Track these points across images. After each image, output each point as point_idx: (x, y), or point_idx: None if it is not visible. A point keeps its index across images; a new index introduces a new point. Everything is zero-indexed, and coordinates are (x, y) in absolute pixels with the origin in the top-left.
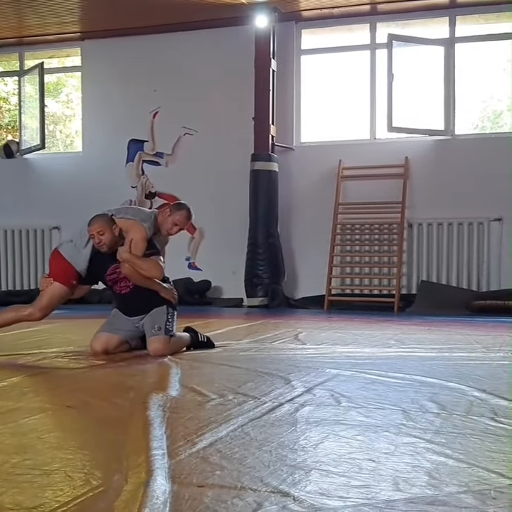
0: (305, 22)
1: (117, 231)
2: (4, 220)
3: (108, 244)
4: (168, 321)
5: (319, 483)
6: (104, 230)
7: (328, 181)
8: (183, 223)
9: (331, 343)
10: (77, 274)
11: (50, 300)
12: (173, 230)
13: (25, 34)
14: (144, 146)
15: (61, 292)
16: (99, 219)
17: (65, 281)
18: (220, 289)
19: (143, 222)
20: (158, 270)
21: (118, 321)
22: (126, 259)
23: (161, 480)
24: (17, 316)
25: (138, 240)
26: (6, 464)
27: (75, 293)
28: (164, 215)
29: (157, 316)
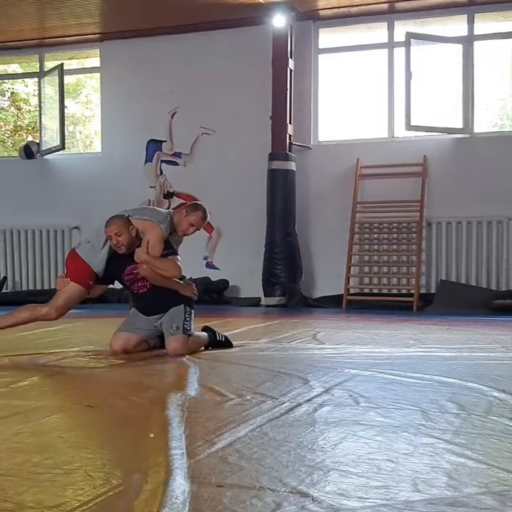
0: (323, 21)
1: (134, 232)
2: (25, 220)
3: (126, 245)
4: (186, 320)
5: (338, 484)
6: (122, 231)
7: (346, 180)
8: (199, 224)
9: (349, 343)
10: (94, 274)
11: (67, 300)
12: (190, 230)
13: (46, 36)
14: (163, 146)
15: (78, 292)
16: (116, 220)
17: (81, 281)
18: (237, 288)
19: (160, 223)
20: (176, 269)
21: (137, 320)
22: (144, 261)
23: (181, 480)
24: (33, 316)
25: (155, 241)
26: (27, 463)
27: (92, 292)
28: (180, 216)
29: (175, 315)
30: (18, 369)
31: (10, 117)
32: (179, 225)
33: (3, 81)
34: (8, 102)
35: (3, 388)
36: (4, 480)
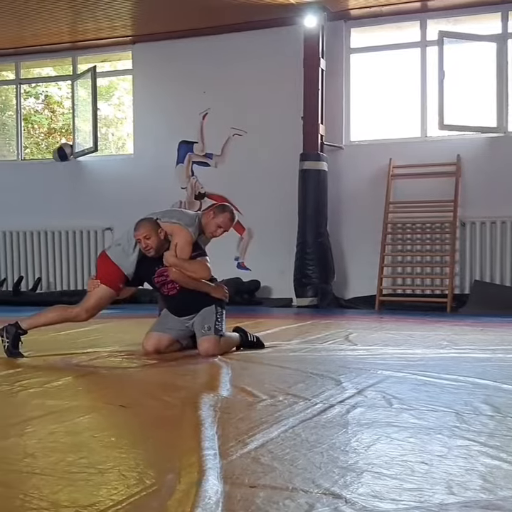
0: (354, 20)
1: (163, 235)
2: (58, 222)
3: (155, 248)
4: (218, 320)
5: (371, 486)
6: (150, 234)
7: (379, 180)
8: (227, 225)
9: (382, 344)
10: (124, 277)
11: (97, 302)
12: (218, 232)
13: (79, 39)
14: (194, 148)
15: (107, 294)
16: (145, 223)
17: (111, 283)
18: (269, 288)
19: (188, 227)
20: (205, 271)
21: (168, 321)
22: (173, 264)
23: (213, 480)
24: (63, 316)
25: (183, 243)
26: (61, 462)
27: (121, 294)
28: (208, 218)
29: (206, 316)
30: (52, 369)
31: (44, 120)
32: (207, 226)
33: (37, 84)
34: (42, 104)
35: (37, 388)
36: (39, 479)
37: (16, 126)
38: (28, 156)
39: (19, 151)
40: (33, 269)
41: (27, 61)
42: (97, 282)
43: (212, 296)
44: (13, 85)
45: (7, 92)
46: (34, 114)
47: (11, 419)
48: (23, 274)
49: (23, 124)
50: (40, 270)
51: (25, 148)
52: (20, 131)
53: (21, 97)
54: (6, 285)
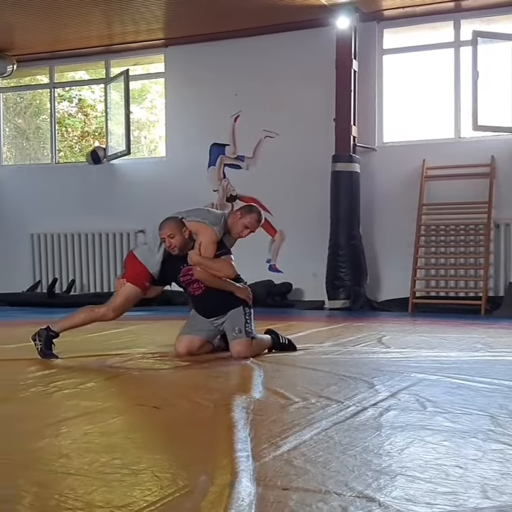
0: (387, 21)
1: (187, 234)
2: (92, 224)
3: (179, 247)
4: (247, 322)
5: (405, 489)
6: (175, 233)
7: (412, 182)
8: (254, 226)
9: (415, 347)
10: (151, 276)
11: (124, 301)
12: (244, 232)
13: (111, 43)
14: (226, 150)
15: (134, 293)
16: (170, 222)
17: (138, 282)
18: (301, 291)
19: (213, 226)
20: (230, 269)
21: (198, 322)
22: (197, 262)
23: (246, 482)
24: (91, 317)
25: (208, 242)
26: (96, 462)
27: (148, 293)
28: (235, 218)
29: (235, 318)
30: (86, 370)
31: (77, 123)
32: (234, 227)
33: (70, 88)
34: (76, 108)
35: (72, 389)
36: (74, 479)
37: (50, 129)
38: (62, 159)
39: (53, 155)
40: (67, 271)
41: (61, 65)
42: (124, 281)
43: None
44: (48, 89)
45: (41, 96)
46: (68, 118)
47: (46, 419)
48: (57, 276)
49: (57, 128)
50: (74, 272)
51: (59, 151)
52: (55, 135)
53: (55, 100)
54: (40, 287)
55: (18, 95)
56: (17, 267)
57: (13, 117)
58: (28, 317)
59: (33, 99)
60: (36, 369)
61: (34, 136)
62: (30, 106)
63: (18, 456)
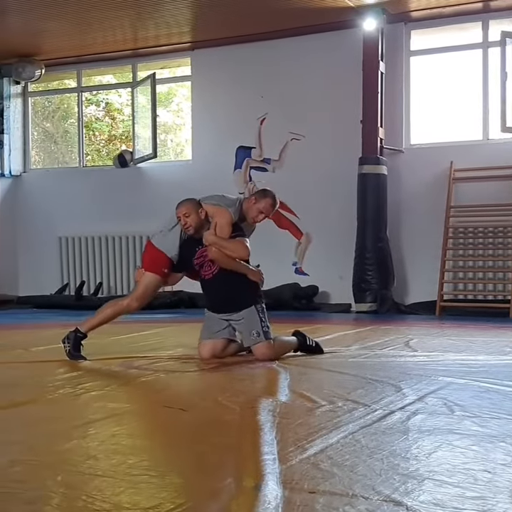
0: (414, 23)
1: (203, 214)
2: (119, 227)
3: (194, 226)
4: (262, 321)
5: (433, 493)
6: (190, 212)
7: (439, 184)
8: (269, 210)
9: (443, 350)
10: (169, 261)
11: (145, 289)
12: (259, 217)
13: (138, 46)
14: (252, 153)
15: (154, 281)
16: (186, 202)
17: (156, 270)
18: (327, 294)
19: (228, 207)
20: (244, 250)
21: (213, 324)
22: (212, 242)
23: (273, 485)
24: (116, 310)
25: (223, 223)
26: (123, 464)
27: (169, 281)
28: (250, 203)
29: (250, 320)
30: (113, 372)
31: (105, 127)
32: (249, 212)
33: (98, 92)
34: (103, 112)
35: (99, 391)
36: (102, 481)
37: (77, 133)
38: (90, 162)
39: (81, 158)
40: (95, 274)
41: (88, 69)
42: (142, 271)
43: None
44: (75, 93)
45: (69, 100)
46: (95, 122)
47: (74, 421)
48: (85, 279)
49: (84, 132)
50: (101, 275)
51: (86, 155)
52: (82, 139)
53: (83, 104)
54: (68, 290)
55: (47, 99)
56: (45, 270)
57: (42, 121)
58: (56, 319)
59: (61, 103)
60: (64, 371)
61: (62, 140)
62: (58, 110)
63: (46, 458)
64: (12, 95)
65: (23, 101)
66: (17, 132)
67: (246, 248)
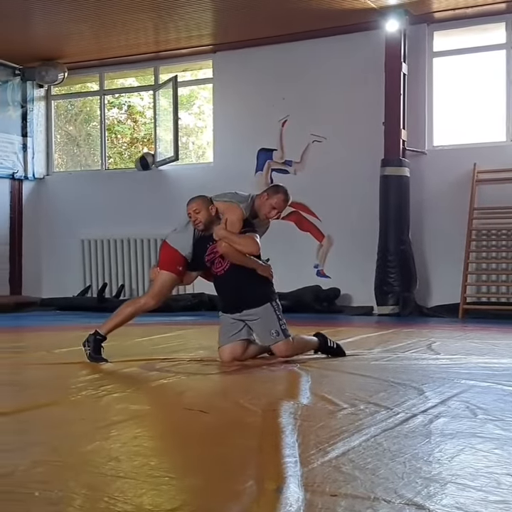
0: (437, 23)
1: (214, 211)
2: (141, 230)
3: (204, 222)
4: (279, 319)
5: (455, 497)
6: (200, 208)
7: (462, 185)
8: (281, 206)
9: (466, 353)
10: (183, 259)
11: (161, 288)
12: (272, 213)
13: (161, 49)
14: (273, 155)
15: (169, 279)
16: (197, 198)
17: (171, 268)
18: (349, 296)
19: (239, 203)
20: (254, 245)
21: (229, 328)
22: (222, 236)
23: (294, 487)
24: (134, 309)
25: (234, 219)
26: (145, 466)
27: (184, 280)
28: (262, 199)
29: (267, 319)
30: (135, 374)
31: (127, 130)
32: (261, 208)
33: (120, 95)
34: (125, 114)
35: (121, 393)
36: (124, 482)
37: (100, 136)
38: (112, 165)
39: (103, 161)
40: (117, 276)
41: (111, 72)
42: (157, 270)
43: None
44: (98, 96)
45: (92, 103)
46: (117, 124)
47: (97, 423)
48: (107, 281)
49: (106, 134)
50: (123, 277)
51: (108, 157)
52: (104, 141)
53: (105, 107)
54: (90, 292)
55: (69, 102)
56: (68, 272)
57: (64, 124)
58: (79, 321)
59: (83, 106)
60: (87, 373)
61: (84, 143)
62: (80, 113)
63: (68, 459)
64: (35, 98)
65: (46, 104)
66: (40, 135)
67: (256, 243)
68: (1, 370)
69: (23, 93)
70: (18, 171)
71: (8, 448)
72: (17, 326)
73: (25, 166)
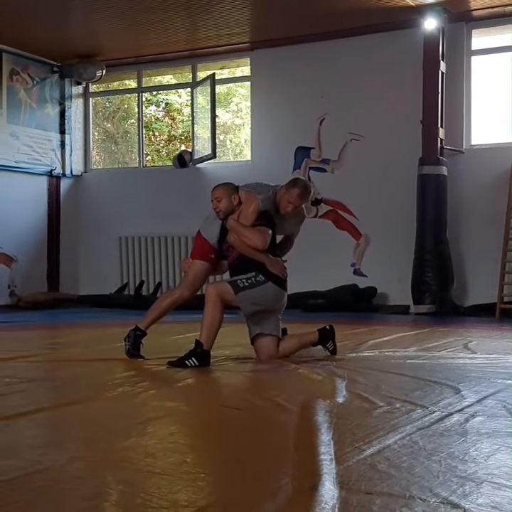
0: (475, 22)
1: (236, 200)
2: (178, 227)
3: (224, 211)
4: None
5: (491, 496)
6: (222, 196)
7: (500, 184)
8: (296, 201)
9: (503, 353)
10: (214, 248)
11: (194, 277)
12: (288, 207)
13: (198, 47)
14: (311, 153)
15: (202, 268)
16: (221, 186)
17: (202, 256)
18: (385, 295)
19: (258, 194)
20: (260, 240)
21: (262, 323)
22: (231, 227)
23: (329, 485)
24: (171, 301)
25: (248, 211)
26: (181, 462)
27: (218, 269)
28: (281, 193)
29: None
30: (171, 371)
31: (164, 127)
32: (280, 202)
33: (158, 92)
34: (163, 112)
35: (157, 390)
36: (160, 479)
37: (137, 133)
38: (149, 163)
39: (141, 159)
40: (154, 273)
41: (148, 69)
42: (189, 260)
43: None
44: (135, 94)
45: (129, 100)
46: (155, 122)
47: (133, 419)
48: (144, 279)
49: (144, 132)
50: (160, 275)
51: (146, 155)
52: (142, 139)
53: (143, 105)
54: (127, 289)
55: (107, 100)
56: (105, 269)
57: (102, 122)
58: (116, 318)
59: (121, 103)
60: (123, 369)
61: (122, 141)
62: (118, 110)
63: (105, 455)
64: (73, 96)
65: (84, 101)
66: (78, 133)
67: (262, 239)
68: (39, 367)
69: (61, 90)
70: (56, 168)
71: (45, 444)
72: (55, 322)
73: (63, 163)
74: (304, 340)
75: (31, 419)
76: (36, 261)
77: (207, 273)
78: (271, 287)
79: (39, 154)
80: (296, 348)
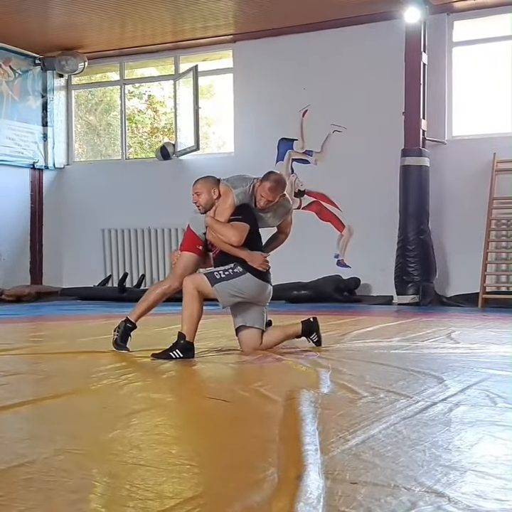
0: (457, 13)
1: (216, 194)
2: (161, 220)
3: (204, 205)
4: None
5: (475, 485)
6: (202, 191)
7: (482, 175)
8: (268, 195)
9: (485, 343)
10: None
11: (183, 268)
12: (261, 201)
13: (180, 39)
14: (294, 145)
15: (190, 259)
16: (201, 180)
17: (191, 248)
18: (369, 286)
19: (233, 189)
20: (234, 235)
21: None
22: (207, 224)
23: (315, 475)
24: (160, 292)
25: (224, 206)
26: (166, 454)
27: (207, 262)
28: (256, 186)
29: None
30: (156, 363)
31: (147, 119)
32: (256, 195)
33: (140, 84)
34: (146, 104)
35: (142, 382)
36: (145, 470)
37: (120, 126)
38: (132, 155)
39: (123, 151)
40: (137, 266)
41: (131, 62)
42: (178, 253)
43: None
44: (118, 86)
45: (112, 92)
46: (138, 114)
47: (118, 411)
48: (128, 271)
49: (127, 124)
50: (144, 267)
51: (129, 147)
52: (125, 131)
53: (125, 97)
54: (111, 282)
55: (90, 92)
56: (88, 262)
57: (85, 114)
58: (99, 311)
59: (103, 96)
60: (107, 362)
61: (105, 133)
62: (101, 103)
63: (90, 447)
64: (55, 88)
65: (67, 94)
66: (60, 125)
67: (236, 234)
68: (23, 360)
69: (43, 83)
70: (38, 161)
71: (30, 436)
72: (38, 315)
73: (45, 155)
74: (288, 332)
75: (15, 412)
76: (19, 254)
77: (196, 264)
78: (250, 279)
79: (21, 147)
80: (280, 340)
